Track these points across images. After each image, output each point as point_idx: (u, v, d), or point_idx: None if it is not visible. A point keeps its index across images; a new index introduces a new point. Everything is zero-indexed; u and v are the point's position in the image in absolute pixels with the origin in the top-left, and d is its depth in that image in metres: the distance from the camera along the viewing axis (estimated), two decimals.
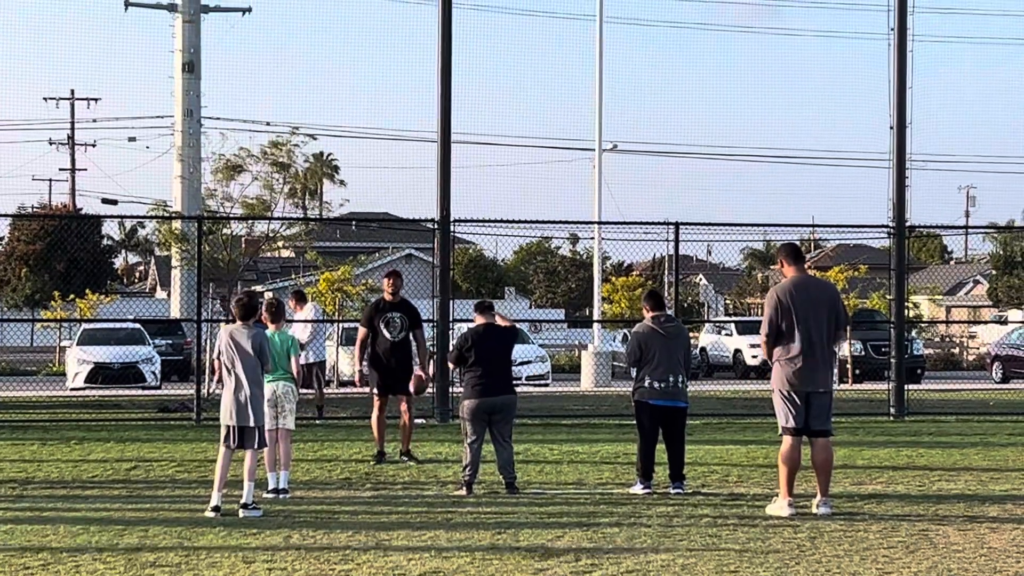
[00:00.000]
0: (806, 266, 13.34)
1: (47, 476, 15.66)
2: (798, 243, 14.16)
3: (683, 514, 12.63)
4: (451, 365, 14.42)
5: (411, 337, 17.01)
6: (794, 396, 12.76)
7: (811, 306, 12.79)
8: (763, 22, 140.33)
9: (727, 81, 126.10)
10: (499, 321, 14.72)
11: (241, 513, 12.45)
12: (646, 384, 14.22)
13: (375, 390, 16.97)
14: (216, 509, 12.51)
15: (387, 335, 16.84)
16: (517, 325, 15.58)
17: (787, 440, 12.79)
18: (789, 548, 10.90)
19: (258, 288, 57.12)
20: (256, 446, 12.82)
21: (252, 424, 12.77)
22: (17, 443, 19.21)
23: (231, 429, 12.81)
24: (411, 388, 16.55)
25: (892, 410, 24.47)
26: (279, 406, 14.13)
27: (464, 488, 14.07)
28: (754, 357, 41.56)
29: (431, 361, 20.65)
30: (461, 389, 15.01)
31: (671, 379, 14.17)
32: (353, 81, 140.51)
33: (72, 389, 32.15)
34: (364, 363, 17.10)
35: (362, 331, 17.14)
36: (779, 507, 12.69)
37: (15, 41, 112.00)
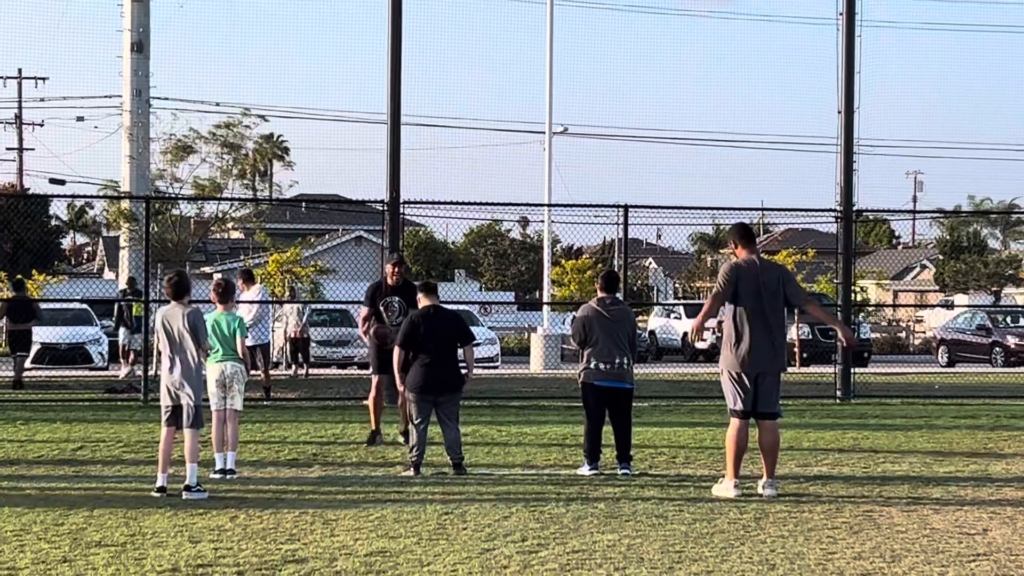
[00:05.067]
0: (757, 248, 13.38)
1: None
2: (749, 223, 14.16)
3: (630, 495, 12.69)
4: (398, 349, 14.35)
5: None
6: (743, 378, 12.81)
7: (762, 288, 12.84)
8: (713, 6, 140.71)
9: (677, 65, 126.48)
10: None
11: (184, 496, 12.39)
12: (591, 365, 14.28)
13: (373, 372, 16.86)
14: (161, 490, 12.48)
15: (385, 318, 16.57)
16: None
17: (735, 422, 12.87)
18: (734, 529, 10.97)
19: (207, 269, 56.88)
20: (194, 425, 12.77)
21: (190, 403, 12.74)
22: None
23: (170, 409, 12.80)
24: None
25: (838, 393, 24.66)
26: (227, 387, 14.09)
27: (412, 469, 14.07)
28: (703, 340, 41.67)
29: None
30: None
31: (616, 360, 14.23)
32: (303, 62, 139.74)
33: None
34: (370, 333, 16.79)
35: (364, 310, 16.94)
36: (725, 488, 12.77)
37: None
